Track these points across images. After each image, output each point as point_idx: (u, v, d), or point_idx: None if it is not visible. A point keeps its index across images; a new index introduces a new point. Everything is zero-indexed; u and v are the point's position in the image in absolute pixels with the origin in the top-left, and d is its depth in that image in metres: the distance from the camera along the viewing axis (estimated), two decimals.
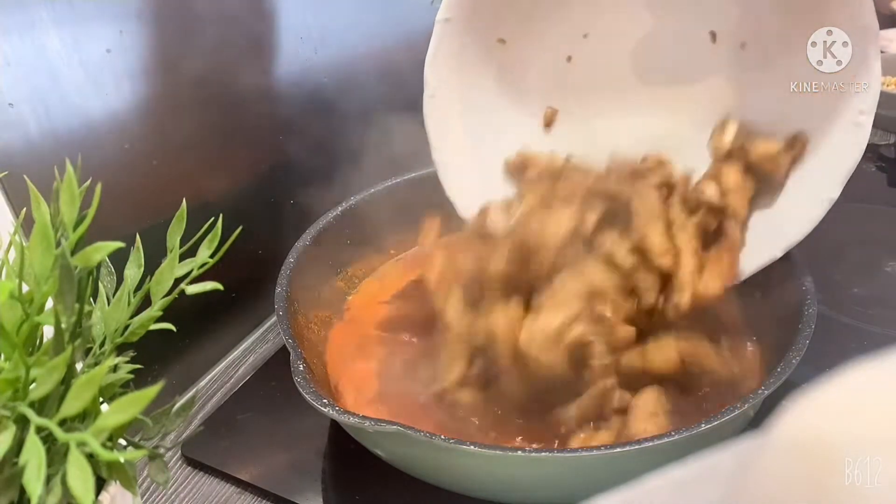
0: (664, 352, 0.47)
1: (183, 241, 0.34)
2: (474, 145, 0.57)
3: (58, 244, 0.29)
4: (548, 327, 0.44)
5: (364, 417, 0.42)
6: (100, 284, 0.34)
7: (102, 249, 0.29)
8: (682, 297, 0.46)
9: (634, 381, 0.46)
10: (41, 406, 0.28)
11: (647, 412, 0.45)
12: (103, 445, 0.25)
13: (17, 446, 0.26)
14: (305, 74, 0.68)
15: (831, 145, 0.48)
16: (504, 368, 0.46)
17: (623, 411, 0.45)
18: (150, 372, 0.55)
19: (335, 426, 0.53)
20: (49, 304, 0.28)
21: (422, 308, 0.56)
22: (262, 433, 0.55)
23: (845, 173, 0.47)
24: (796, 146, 0.49)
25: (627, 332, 0.46)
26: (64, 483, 0.25)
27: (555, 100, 0.58)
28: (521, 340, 0.45)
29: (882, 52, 1.17)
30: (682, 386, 0.48)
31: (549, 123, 0.58)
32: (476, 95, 0.57)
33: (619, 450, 0.40)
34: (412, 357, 0.55)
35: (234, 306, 0.64)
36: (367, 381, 0.55)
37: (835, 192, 0.47)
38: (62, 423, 0.26)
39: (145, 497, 0.51)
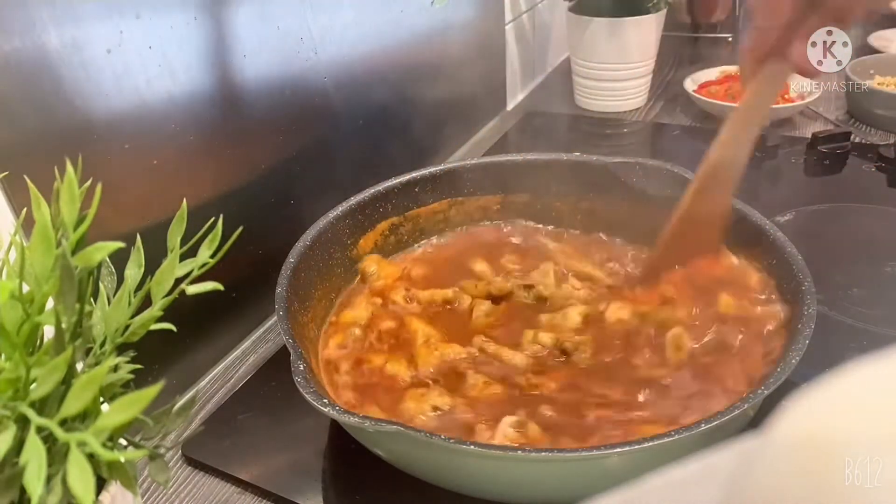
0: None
1: (183, 242, 0.34)
2: None
3: (58, 244, 0.29)
4: None
5: (364, 417, 0.42)
6: (100, 284, 0.34)
7: (103, 249, 0.29)
8: None
9: None
10: (42, 406, 0.28)
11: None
12: (104, 445, 0.25)
13: (18, 446, 0.26)
14: (305, 74, 0.68)
15: None
16: None
17: None
18: (150, 372, 0.55)
19: (335, 426, 0.53)
20: (49, 304, 0.28)
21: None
22: (262, 433, 0.55)
23: None
24: None
25: None
26: (64, 483, 0.25)
27: None
28: None
29: (882, 52, 1.17)
30: None
31: None
32: None
33: (618, 450, 0.40)
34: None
35: (234, 306, 0.64)
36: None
37: None
38: (63, 423, 0.26)
39: (146, 497, 0.51)
